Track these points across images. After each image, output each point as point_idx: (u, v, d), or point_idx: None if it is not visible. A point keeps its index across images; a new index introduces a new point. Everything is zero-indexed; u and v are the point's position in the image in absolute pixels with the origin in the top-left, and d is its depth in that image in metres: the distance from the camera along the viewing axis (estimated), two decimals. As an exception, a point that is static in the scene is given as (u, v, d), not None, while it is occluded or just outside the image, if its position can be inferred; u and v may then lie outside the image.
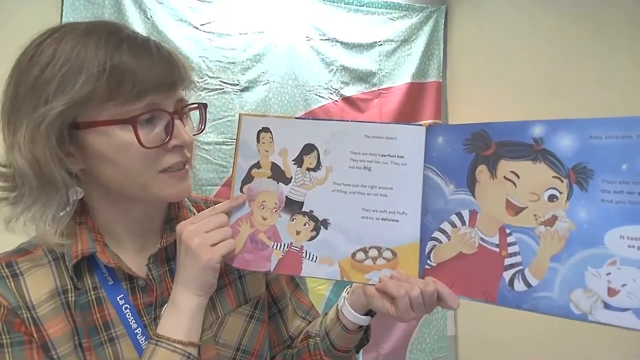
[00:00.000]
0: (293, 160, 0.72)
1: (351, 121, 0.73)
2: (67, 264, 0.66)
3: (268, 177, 0.72)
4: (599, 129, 0.59)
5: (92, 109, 0.61)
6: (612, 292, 0.57)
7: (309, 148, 0.72)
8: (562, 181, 0.61)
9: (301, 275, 0.72)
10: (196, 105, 0.71)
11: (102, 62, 0.60)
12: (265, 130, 0.73)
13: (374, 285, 0.69)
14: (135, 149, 0.62)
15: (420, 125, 0.71)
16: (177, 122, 0.66)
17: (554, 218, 0.61)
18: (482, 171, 0.66)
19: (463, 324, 2.57)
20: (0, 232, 0.65)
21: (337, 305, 0.78)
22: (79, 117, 0.62)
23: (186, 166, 0.69)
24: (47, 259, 0.67)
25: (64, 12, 1.86)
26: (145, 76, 0.62)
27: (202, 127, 0.73)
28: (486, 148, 0.66)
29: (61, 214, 0.65)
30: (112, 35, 0.63)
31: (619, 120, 0.58)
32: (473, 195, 0.67)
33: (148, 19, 1.98)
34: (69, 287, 0.67)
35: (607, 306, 0.57)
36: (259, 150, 0.73)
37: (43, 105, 0.60)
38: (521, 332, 1.99)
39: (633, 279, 0.56)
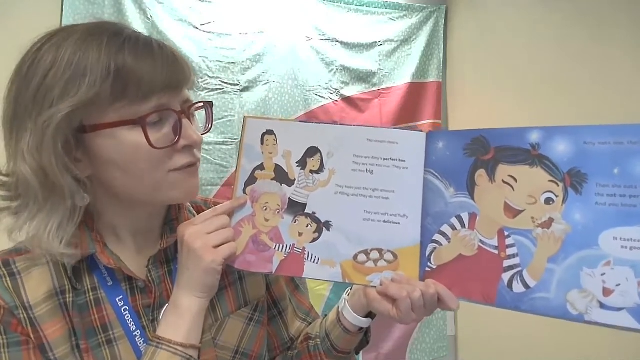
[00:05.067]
0: (297, 163, 0.73)
1: (354, 125, 0.74)
2: (66, 264, 0.66)
3: (271, 179, 0.73)
4: (592, 135, 0.61)
5: (98, 111, 0.60)
6: (607, 292, 0.59)
7: (312, 151, 0.73)
8: (558, 185, 0.63)
9: (303, 276, 0.72)
10: (202, 104, 0.71)
11: (105, 66, 0.59)
12: (270, 132, 0.73)
13: (375, 287, 0.70)
14: (144, 150, 0.62)
15: (421, 131, 0.72)
16: (185, 121, 0.65)
17: (551, 220, 0.63)
18: (481, 175, 0.68)
19: (463, 324, 2.57)
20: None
21: (338, 307, 0.78)
22: (85, 120, 0.61)
23: (196, 164, 0.69)
24: (45, 259, 0.66)
25: (64, 12, 1.86)
26: (150, 77, 0.61)
27: (209, 126, 0.73)
28: (485, 153, 0.68)
29: (67, 222, 0.63)
30: (113, 37, 0.62)
31: (611, 127, 0.60)
32: (472, 198, 0.68)
33: (148, 19, 1.98)
34: (67, 287, 0.66)
35: (602, 306, 0.59)
36: (262, 153, 0.73)
37: (48, 109, 0.58)
38: (521, 332, 1.99)
39: (626, 279, 0.58)
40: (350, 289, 0.78)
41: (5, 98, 0.62)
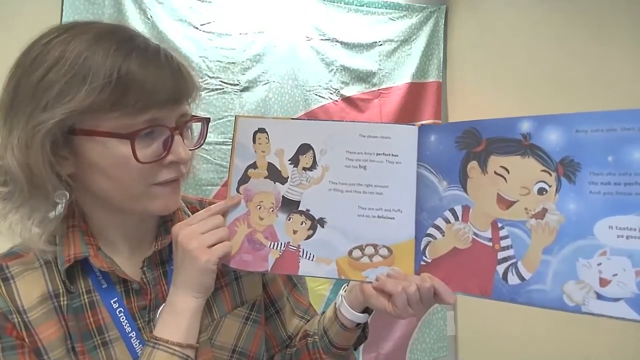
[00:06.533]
0: (289, 160, 0.73)
1: (346, 121, 0.74)
2: (60, 267, 0.66)
3: (265, 177, 0.72)
4: (584, 123, 0.60)
5: (92, 118, 0.60)
6: (603, 282, 0.58)
7: (305, 148, 0.72)
8: (550, 175, 0.62)
9: (299, 274, 0.72)
10: (199, 119, 0.71)
11: (108, 73, 0.58)
12: (262, 131, 0.73)
13: (371, 283, 0.69)
14: (131, 163, 0.61)
15: (413, 125, 0.72)
16: (176, 137, 0.65)
17: (544, 211, 0.62)
18: (473, 167, 0.67)
19: (463, 324, 2.57)
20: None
21: (335, 303, 0.78)
22: (78, 124, 0.60)
23: (179, 179, 0.68)
24: (38, 263, 0.67)
25: (64, 12, 1.86)
26: (151, 90, 0.60)
27: (202, 141, 0.73)
28: (477, 145, 0.67)
29: (49, 218, 0.64)
30: (123, 43, 0.61)
31: (603, 114, 0.59)
32: (465, 191, 0.67)
33: (148, 19, 1.98)
34: (61, 290, 0.66)
35: (599, 296, 0.58)
36: (255, 151, 0.73)
37: (42, 111, 0.58)
38: (521, 332, 1.98)
39: (623, 268, 0.56)
40: (347, 285, 0.77)
41: (4, 88, 0.62)
